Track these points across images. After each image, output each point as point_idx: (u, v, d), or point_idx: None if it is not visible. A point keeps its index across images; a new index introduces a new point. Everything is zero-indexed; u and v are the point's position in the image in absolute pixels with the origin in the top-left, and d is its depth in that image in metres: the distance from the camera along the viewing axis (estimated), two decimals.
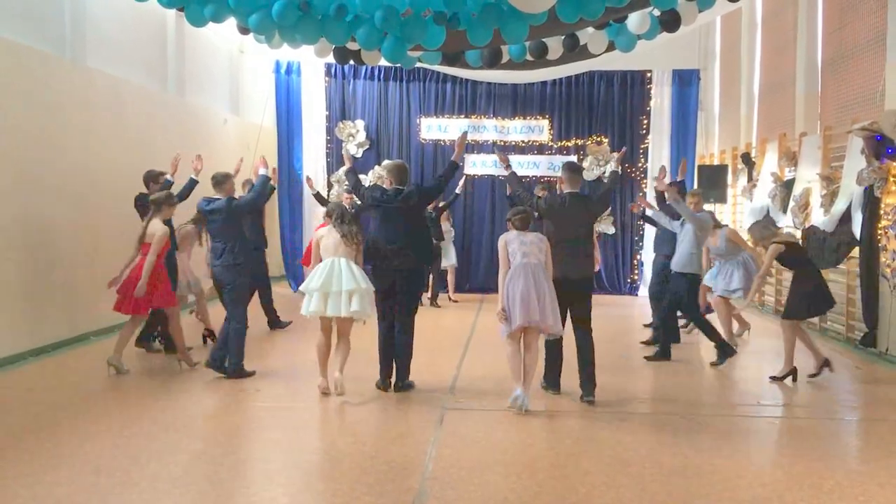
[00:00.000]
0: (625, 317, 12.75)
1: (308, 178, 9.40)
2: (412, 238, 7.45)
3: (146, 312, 8.26)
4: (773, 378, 8.05)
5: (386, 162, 8.86)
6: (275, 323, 10.94)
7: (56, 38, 9.62)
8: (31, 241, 8.80)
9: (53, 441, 5.82)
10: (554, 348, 7.34)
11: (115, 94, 10.63)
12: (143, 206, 8.60)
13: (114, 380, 7.78)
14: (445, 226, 14.05)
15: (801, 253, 8.54)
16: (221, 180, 8.11)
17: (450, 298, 14.21)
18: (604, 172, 15.36)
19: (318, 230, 7.71)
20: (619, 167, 7.62)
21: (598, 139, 15.50)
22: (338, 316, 7.04)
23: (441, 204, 13.30)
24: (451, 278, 14.40)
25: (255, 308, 10.40)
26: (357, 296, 7.02)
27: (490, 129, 15.63)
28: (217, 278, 8.24)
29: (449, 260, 14.13)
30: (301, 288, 7.23)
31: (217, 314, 9.35)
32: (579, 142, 15.56)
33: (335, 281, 6.98)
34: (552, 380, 7.44)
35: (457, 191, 14.12)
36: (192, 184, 9.59)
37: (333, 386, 7.02)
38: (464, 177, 14.73)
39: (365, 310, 7.09)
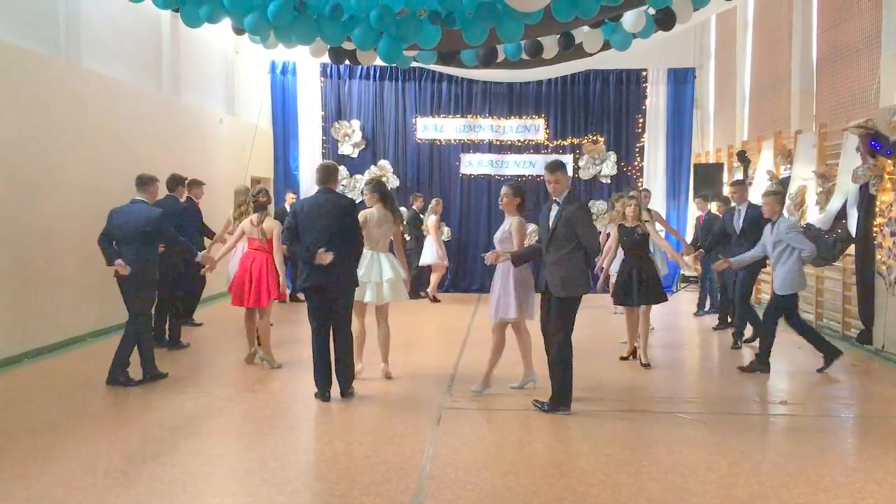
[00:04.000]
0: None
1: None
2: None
3: (267, 303, 8.44)
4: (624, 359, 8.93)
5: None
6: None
7: (50, 39, 9.60)
8: (25, 242, 8.78)
9: (49, 442, 5.80)
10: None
11: (109, 94, 10.61)
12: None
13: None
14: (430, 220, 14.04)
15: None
16: (147, 182, 7.90)
17: (430, 299, 14.05)
18: (599, 171, 15.38)
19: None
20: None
21: (594, 138, 15.53)
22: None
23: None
24: (432, 277, 14.25)
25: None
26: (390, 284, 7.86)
27: (486, 128, 15.65)
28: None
29: (424, 258, 14.01)
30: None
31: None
32: (575, 141, 15.58)
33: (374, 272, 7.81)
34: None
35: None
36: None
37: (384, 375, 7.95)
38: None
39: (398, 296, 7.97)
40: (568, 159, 15.49)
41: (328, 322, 7.13)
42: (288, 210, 13.66)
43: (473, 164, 15.68)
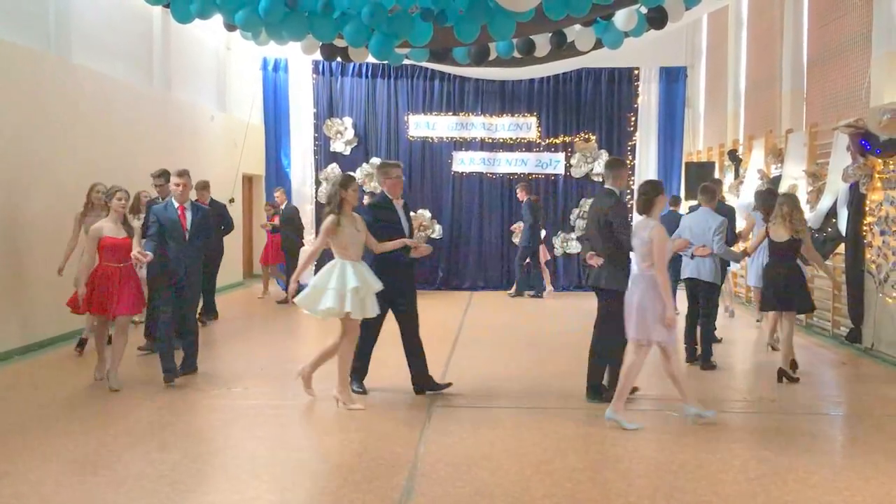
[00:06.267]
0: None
1: None
2: None
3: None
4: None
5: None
6: None
7: (41, 35, 9.55)
8: (17, 237, 8.74)
9: (39, 439, 5.78)
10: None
11: (100, 90, 10.57)
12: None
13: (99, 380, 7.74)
14: None
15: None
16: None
17: None
18: (591, 169, 15.39)
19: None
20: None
21: (586, 136, 15.53)
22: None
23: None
24: None
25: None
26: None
27: (478, 126, 15.62)
28: None
29: None
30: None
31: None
32: (567, 139, 15.58)
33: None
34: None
35: None
36: None
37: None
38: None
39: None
40: (559, 157, 15.51)
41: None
42: (295, 209, 13.61)
43: (465, 162, 15.67)
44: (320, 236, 6.89)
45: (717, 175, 14.37)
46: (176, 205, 7.64)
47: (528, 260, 14.45)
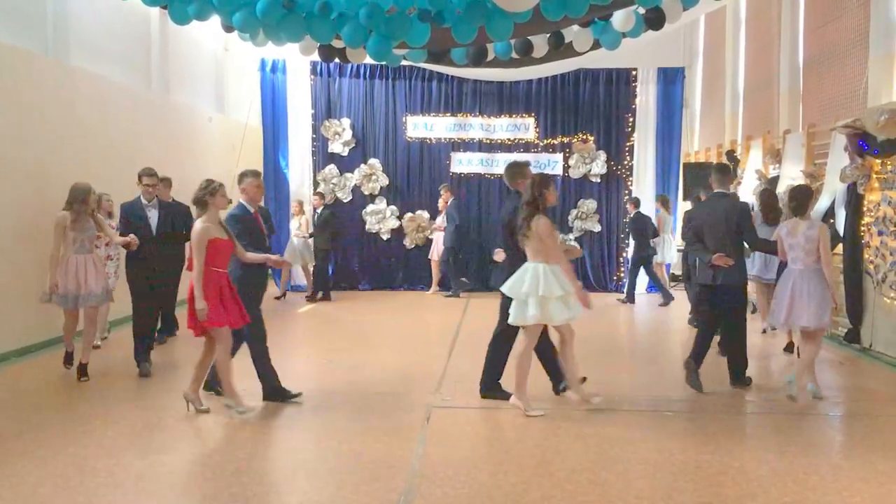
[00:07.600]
0: (612, 315, 12.78)
1: None
2: None
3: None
4: None
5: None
6: None
7: (38, 37, 9.55)
8: (14, 240, 8.73)
9: (37, 441, 5.78)
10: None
11: (98, 92, 10.56)
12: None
13: (98, 381, 7.73)
14: (294, 223, 14.42)
15: None
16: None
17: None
18: (589, 170, 15.38)
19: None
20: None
21: (584, 137, 15.51)
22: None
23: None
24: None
25: None
26: None
27: (476, 127, 15.60)
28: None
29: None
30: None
31: None
32: (565, 140, 15.55)
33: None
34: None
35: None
36: None
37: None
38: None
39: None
40: (558, 158, 15.50)
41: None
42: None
43: (463, 163, 15.64)
44: (550, 240, 6.48)
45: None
46: (251, 209, 7.10)
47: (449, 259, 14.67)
